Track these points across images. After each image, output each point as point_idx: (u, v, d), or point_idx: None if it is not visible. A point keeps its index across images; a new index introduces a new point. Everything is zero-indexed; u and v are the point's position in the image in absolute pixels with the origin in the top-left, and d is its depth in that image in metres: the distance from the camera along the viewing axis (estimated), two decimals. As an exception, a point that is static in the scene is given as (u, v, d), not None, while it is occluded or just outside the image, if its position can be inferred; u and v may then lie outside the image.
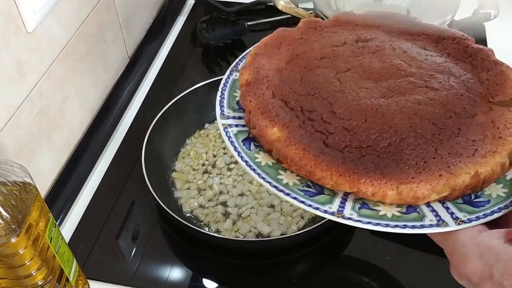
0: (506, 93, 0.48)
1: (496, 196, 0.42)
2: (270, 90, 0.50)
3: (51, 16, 0.67)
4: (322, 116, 0.47)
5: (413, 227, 0.40)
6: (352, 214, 0.41)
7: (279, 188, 0.44)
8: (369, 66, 0.52)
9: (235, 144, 0.48)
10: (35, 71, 0.66)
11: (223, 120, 0.50)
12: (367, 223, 0.41)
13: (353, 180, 0.42)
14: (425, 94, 0.48)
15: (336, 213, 0.41)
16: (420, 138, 0.44)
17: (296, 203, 0.42)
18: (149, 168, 0.70)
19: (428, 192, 0.41)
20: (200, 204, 0.72)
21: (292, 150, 0.44)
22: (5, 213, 0.46)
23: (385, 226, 0.40)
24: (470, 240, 0.37)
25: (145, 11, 1.01)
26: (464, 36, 0.55)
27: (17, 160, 0.52)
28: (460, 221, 0.40)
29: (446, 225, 0.40)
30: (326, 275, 0.67)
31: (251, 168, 0.45)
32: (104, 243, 0.69)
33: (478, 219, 0.40)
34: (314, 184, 0.44)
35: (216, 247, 0.68)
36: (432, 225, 0.40)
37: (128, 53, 0.95)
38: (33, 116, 0.67)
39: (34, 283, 0.52)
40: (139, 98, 0.92)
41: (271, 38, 0.56)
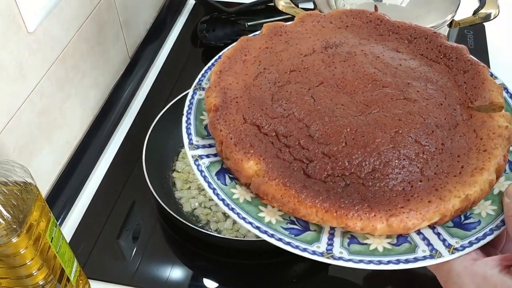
0: (485, 97, 0.46)
1: (486, 215, 0.41)
2: (240, 114, 0.46)
3: (52, 16, 0.68)
4: (300, 141, 0.44)
5: (407, 261, 0.38)
6: (342, 253, 0.39)
7: (262, 229, 0.40)
8: (342, 77, 0.49)
9: (208, 179, 0.44)
10: (35, 71, 0.66)
11: (192, 151, 0.46)
12: (358, 261, 0.39)
13: (340, 216, 0.40)
14: (404, 107, 0.46)
15: (326, 253, 0.39)
16: (404, 160, 0.42)
17: (281, 246, 0.40)
18: (149, 168, 0.70)
19: (418, 221, 0.39)
20: (200, 203, 0.72)
21: (273, 186, 0.41)
22: (6, 213, 0.46)
23: (377, 263, 0.38)
24: (465, 270, 0.37)
25: (146, 11, 1.01)
26: (436, 33, 0.52)
27: (18, 160, 0.52)
28: (454, 249, 0.38)
29: (440, 256, 0.38)
30: (326, 275, 0.67)
31: (229, 207, 0.42)
32: (105, 243, 0.69)
33: (471, 244, 0.39)
34: (298, 219, 0.42)
35: (217, 247, 0.68)
36: (426, 257, 0.38)
37: (129, 53, 0.95)
38: (34, 116, 0.67)
39: (35, 283, 0.52)
40: (139, 98, 0.92)
41: (234, 51, 0.52)
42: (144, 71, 0.96)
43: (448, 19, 0.78)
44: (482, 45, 0.98)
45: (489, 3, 0.82)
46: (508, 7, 0.90)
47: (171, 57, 0.99)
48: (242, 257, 0.68)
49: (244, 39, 0.53)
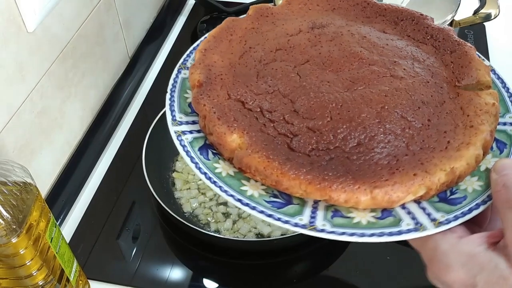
0: (472, 76, 0.46)
1: (472, 191, 0.40)
2: (224, 90, 0.46)
3: (52, 16, 0.67)
4: (284, 116, 0.44)
5: (391, 234, 0.38)
6: (325, 225, 0.39)
7: (243, 201, 0.40)
8: (329, 55, 0.49)
9: (191, 154, 0.43)
10: (35, 71, 0.66)
11: (175, 127, 0.45)
12: (341, 234, 0.38)
13: (324, 188, 0.39)
14: (391, 84, 0.46)
15: (308, 226, 0.38)
16: (390, 134, 0.42)
17: (263, 217, 0.39)
18: (149, 168, 0.70)
19: (403, 194, 0.39)
20: (200, 204, 0.72)
21: (256, 158, 0.41)
22: (6, 213, 0.46)
23: (360, 235, 0.38)
24: (451, 248, 0.36)
25: (146, 11, 1.01)
26: (423, 15, 0.52)
27: (17, 160, 0.52)
28: (439, 222, 0.38)
29: (425, 229, 0.37)
30: (326, 275, 0.67)
31: (211, 181, 0.41)
32: (105, 243, 0.69)
33: (457, 218, 0.38)
34: (281, 192, 0.41)
35: (217, 247, 0.68)
36: (410, 230, 0.38)
37: (129, 53, 0.95)
38: (34, 116, 0.67)
39: (35, 283, 0.52)
40: (139, 98, 0.92)
41: (220, 30, 0.52)
42: (144, 71, 0.96)
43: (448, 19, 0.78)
44: (482, 45, 0.98)
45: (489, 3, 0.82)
46: (508, 7, 0.90)
47: (171, 57, 0.99)
48: (242, 257, 0.68)
49: (230, 19, 0.53)
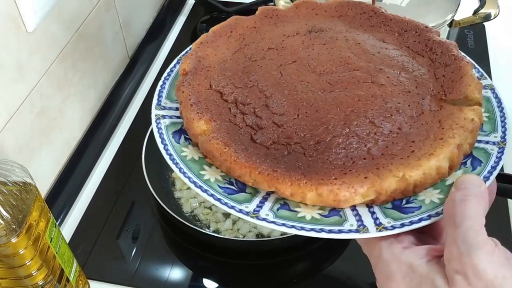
0: (460, 91, 0.45)
1: (429, 202, 0.39)
2: (207, 81, 0.48)
3: (51, 16, 0.67)
4: (255, 109, 0.45)
5: (330, 232, 0.38)
6: (268, 215, 0.39)
7: (197, 184, 0.41)
8: (317, 58, 0.49)
9: (163, 136, 0.45)
10: (35, 71, 0.66)
11: (157, 110, 0.48)
12: (281, 225, 0.38)
13: (272, 179, 0.39)
14: (368, 90, 0.46)
15: (251, 213, 0.39)
16: (352, 137, 0.42)
17: (212, 201, 0.40)
18: (149, 168, 0.70)
19: (350, 194, 0.39)
20: (200, 204, 0.72)
21: (214, 145, 0.42)
22: (6, 213, 0.46)
23: (299, 229, 0.38)
24: (393, 258, 0.35)
25: (145, 11, 1.01)
26: (428, 28, 0.52)
27: (17, 160, 0.52)
28: (383, 227, 0.37)
29: (366, 231, 0.37)
30: (326, 275, 0.67)
31: (174, 162, 0.43)
32: (105, 243, 0.69)
33: (403, 226, 0.37)
34: (237, 181, 0.42)
35: (216, 247, 0.68)
36: (351, 231, 0.37)
37: (128, 53, 0.95)
38: (33, 116, 0.67)
39: (35, 283, 0.52)
40: (139, 98, 0.92)
41: (221, 27, 0.53)
42: (143, 71, 0.96)
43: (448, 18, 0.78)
44: (482, 45, 0.98)
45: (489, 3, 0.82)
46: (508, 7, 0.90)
47: (171, 57, 0.99)
48: (242, 257, 0.68)
49: (234, 17, 0.55)
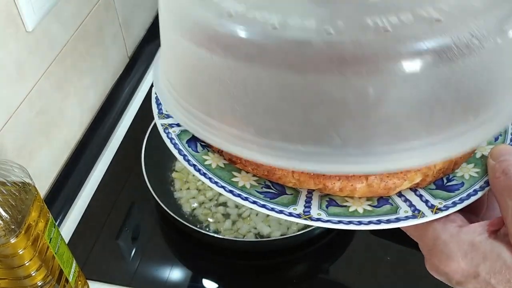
0: None
1: (469, 177, 0.39)
2: None
3: (51, 16, 0.67)
4: None
5: (388, 222, 0.37)
6: (320, 214, 0.37)
7: (235, 193, 0.38)
8: None
9: (179, 146, 0.42)
10: (34, 71, 0.66)
11: (162, 120, 0.44)
12: (337, 222, 0.37)
13: (318, 175, 0.37)
14: None
15: (303, 215, 0.37)
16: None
17: (256, 208, 0.38)
18: (149, 168, 0.69)
19: (399, 181, 0.38)
20: (200, 204, 0.72)
21: None
22: (5, 214, 0.46)
23: (357, 224, 0.37)
24: (451, 238, 0.35)
25: (145, 11, 1.01)
26: None
27: (16, 160, 0.51)
28: (437, 209, 0.37)
29: (423, 216, 0.37)
30: (326, 275, 0.67)
31: (201, 172, 0.40)
32: (104, 243, 0.69)
33: (455, 205, 0.37)
34: (274, 183, 0.40)
35: (216, 247, 0.68)
36: (408, 217, 0.37)
37: (128, 52, 0.94)
38: (33, 116, 0.67)
39: (34, 284, 0.52)
40: (139, 97, 0.91)
41: None
42: (143, 70, 0.96)
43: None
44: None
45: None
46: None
47: (170, 56, 0.99)
48: (242, 257, 0.68)
49: None
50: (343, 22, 0.32)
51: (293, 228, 0.69)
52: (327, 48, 0.31)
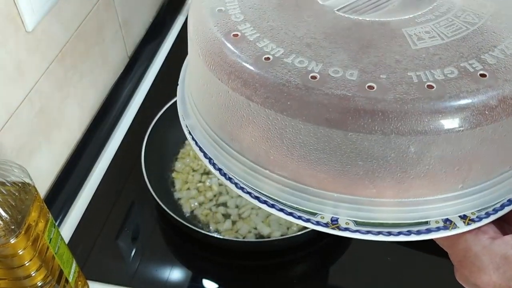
0: None
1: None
2: None
3: (50, 16, 0.67)
4: None
5: (419, 233, 0.35)
6: (349, 224, 0.36)
7: (261, 199, 0.37)
8: None
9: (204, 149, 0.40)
10: (34, 71, 0.66)
11: (188, 120, 0.42)
12: (366, 232, 0.35)
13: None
14: None
15: (330, 224, 0.36)
16: None
17: (283, 216, 0.36)
18: (148, 168, 0.69)
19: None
20: (200, 204, 0.72)
21: None
22: (4, 214, 0.45)
23: (387, 234, 0.35)
24: (483, 250, 0.34)
25: (145, 10, 1.01)
26: None
27: (16, 160, 0.51)
28: (469, 219, 0.35)
29: (455, 227, 0.35)
30: (326, 276, 0.67)
31: (226, 177, 0.38)
32: (104, 243, 0.69)
33: (488, 215, 0.35)
34: None
35: (216, 247, 0.67)
36: (440, 228, 0.35)
37: (128, 52, 0.94)
38: (32, 116, 0.67)
39: (34, 284, 0.52)
40: (138, 97, 0.91)
41: None
42: (143, 70, 0.96)
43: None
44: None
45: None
46: (508, 7, 0.90)
47: (171, 56, 0.99)
48: (242, 258, 0.68)
49: None
50: (386, 76, 0.31)
51: (293, 229, 0.69)
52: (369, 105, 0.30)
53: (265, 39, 0.35)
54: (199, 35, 0.38)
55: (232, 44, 0.35)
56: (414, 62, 0.32)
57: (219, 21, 0.36)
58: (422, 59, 0.32)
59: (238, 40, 0.35)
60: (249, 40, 0.35)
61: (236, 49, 0.34)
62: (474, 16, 0.35)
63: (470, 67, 0.31)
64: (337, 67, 0.32)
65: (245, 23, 0.36)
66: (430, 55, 0.32)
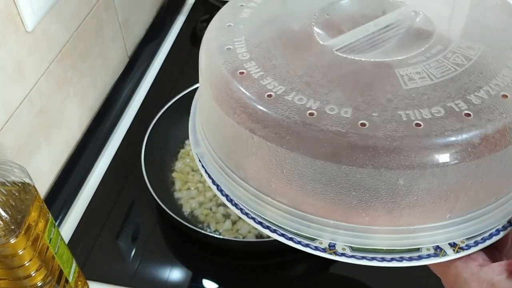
0: None
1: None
2: None
3: (50, 16, 0.67)
4: None
5: (410, 259, 0.38)
6: (345, 249, 0.38)
7: (264, 224, 0.40)
8: None
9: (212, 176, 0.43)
10: (34, 71, 0.66)
11: (197, 148, 0.44)
12: (361, 258, 0.38)
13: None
14: None
15: (328, 249, 0.38)
16: None
17: (284, 241, 0.39)
18: (148, 168, 0.69)
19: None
20: (200, 204, 0.72)
21: None
22: (4, 214, 0.45)
23: (380, 260, 0.38)
24: (472, 277, 0.36)
25: (145, 10, 1.01)
26: None
27: (16, 160, 0.51)
28: (459, 248, 0.38)
29: (445, 254, 0.37)
30: (327, 275, 0.67)
31: (232, 203, 0.41)
32: (104, 243, 0.69)
33: (477, 244, 0.38)
34: None
35: (216, 247, 0.67)
36: (430, 255, 0.38)
37: (128, 52, 0.94)
38: (32, 116, 0.67)
39: (34, 284, 0.52)
40: (138, 97, 0.91)
41: None
42: (143, 70, 0.96)
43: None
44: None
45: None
46: (508, 6, 0.90)
47: (170, 56, 0.99)
48: (242, 258, 0.68)
49: None
50: (377, 114, 0.33)
51: (293, 228, 0.69)
52: (361, 141, 0.32)
53: (268, 77, 0.37)
54: (208, 70, 0.40)
55: (238, 81, 0.37)
56: (404, 101, 0.34)
57: (227, 59, 0.39)
58: (412, 98, 0.34)
59: (243, 78, 0.37)
60: (253, 78, 0.37)
61: (241, 86, 0.37)
62: (463, 58, 0.38)
63: (456, 106, 0.34)
64: (333, 105, 0.34)
65: (251, 61, 0.39)
66: (419, 95, 0.35)
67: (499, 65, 0.37)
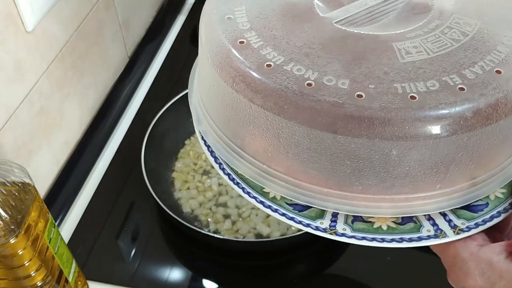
0: None
1: (495, 198, 0.40)
2: None
3: (50, 16, 0.67)
4: None
5: (410, 240, 0.38)
6: (345, 229, 0.39)
7: (265, 204, 0.40)
8: None
9: (215, 154, 0.43)
10: (34, 71, 0.66)
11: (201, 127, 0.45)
12: (361, 238, 0.38)
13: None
14: None
15: (329, 229, 0.39)
16: None
17: (285, 220, 0.39)
18: (148, 168, 0.69)
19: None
20: (200, 204, 0.72)
21: None
22: (4, 214, 0.45)
23: (380, 241, 0.38)
24: (471, 256, 0.37)
25: (145, 10, 1.01)
26: None
27: (16, 160, 0.51)
28: (459, 229, 0.38)
29: (445, 236, 0.38)
30: (326, 275, 0.67)
31: (234, 182, 0.41)
32: (104, 243, 0.69)
33: (477, 226, 0.38)
34: None
35: (216, 247, 0.67)
36: (430, 237, 0.38)
37: (128, 52, 0.94)
38: (32, 116, 0.67)
39: (33, 284, 0.52)
40: (138, 97, 0.91)
41: None
42: (143, 70, 0.96)
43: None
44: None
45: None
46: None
47: (170, 56, 0.99)
48: (242, 258, 0.68)
49: None
50: (374, 86, 0.34)
51: (292, 229, 0.69)
52: (357, 112, 0.33)
53: (268, 47, 0.38)
54: (208, 40, 0.41)
55: (238, 50, 0.38)
56: (400, 74, 0.35)
57: (227, 28, 0.39)
58: (408, 72, 0.35)
59: (243, 47, 0.38)
60: (253, 47, 0.38)
61: (241, 56, 0.37)
62: (460, 34, 0.39)
63: (451, 81, 0.34)
64: (331, 76, 0.35)
65: (251, 31, 0.39)
66: (415, 69, 0.35)
67: (494, 41, 0.38)
